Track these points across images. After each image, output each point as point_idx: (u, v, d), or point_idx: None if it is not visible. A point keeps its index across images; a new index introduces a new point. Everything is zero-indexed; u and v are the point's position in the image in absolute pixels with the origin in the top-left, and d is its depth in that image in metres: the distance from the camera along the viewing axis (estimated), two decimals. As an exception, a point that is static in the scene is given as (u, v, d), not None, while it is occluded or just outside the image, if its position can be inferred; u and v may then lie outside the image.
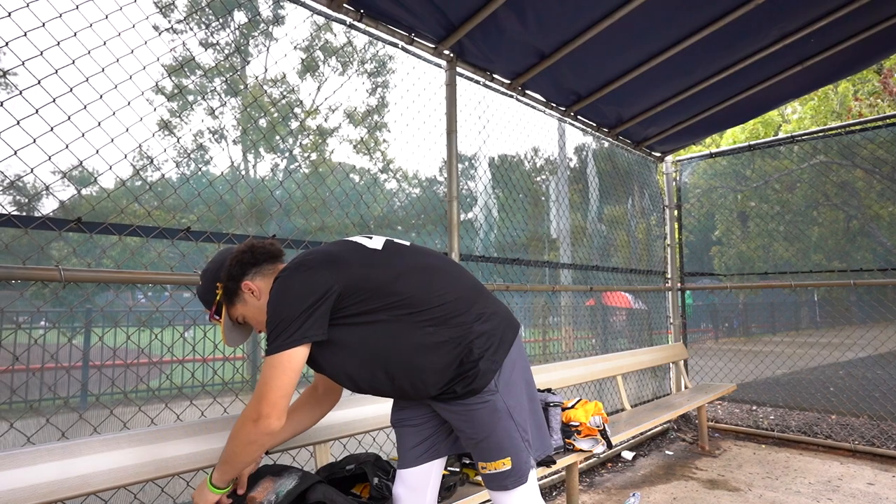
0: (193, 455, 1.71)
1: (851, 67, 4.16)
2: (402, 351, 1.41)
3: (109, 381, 6.46)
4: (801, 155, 5.38)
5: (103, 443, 1.57)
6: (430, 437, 1.63)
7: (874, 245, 6.69)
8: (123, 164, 2.05)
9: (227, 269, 1.50)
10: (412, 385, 1.44)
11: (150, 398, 6.66)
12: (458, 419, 1.48)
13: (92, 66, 1.83)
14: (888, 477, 3.66)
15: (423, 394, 1.46)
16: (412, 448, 1.62)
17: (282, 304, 1.34)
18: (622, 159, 4.98)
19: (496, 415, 1.44)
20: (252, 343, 8.51)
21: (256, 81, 8.13)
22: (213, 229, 2.22)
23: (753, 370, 5.33)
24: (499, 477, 1.46)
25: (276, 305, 1.34)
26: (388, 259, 1.46)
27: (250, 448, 1.37)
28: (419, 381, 1.43)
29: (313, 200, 2.85)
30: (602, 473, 3.83)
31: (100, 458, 1.54)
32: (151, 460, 1.62)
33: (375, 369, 1.43)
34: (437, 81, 3.10)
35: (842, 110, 10.95)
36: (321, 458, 2.09)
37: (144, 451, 1.62)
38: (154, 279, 1.92)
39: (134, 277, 1.87)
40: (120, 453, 1.58)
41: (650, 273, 5.15)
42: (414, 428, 1.62)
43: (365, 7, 2.59)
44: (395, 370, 1.43)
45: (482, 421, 1.44)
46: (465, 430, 1.48)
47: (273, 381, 1.30)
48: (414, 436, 1.62)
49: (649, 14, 3.03)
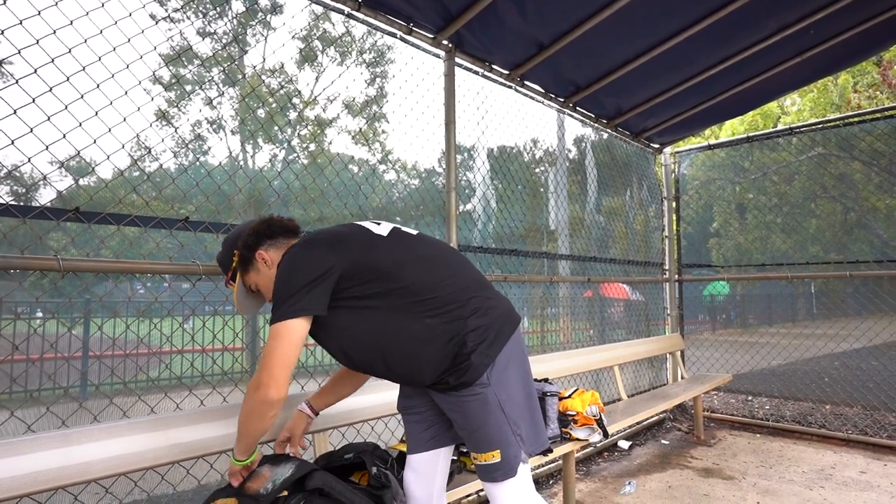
0: (194, 443, 1.73)
1: (850, 59, 4.15)
2: (400, 340, 1.45)
3: (109, 370, 6.48)
4: (799, 147, 5.39)
5: (104, 431, 1.59)
6: (434, 426, 1.68)
7: (871, 237, 6.72)
8: (121, 154, 2.05)
9: (245, 238, 1.58)
10: (407, 373, 1.49)
11: (149, 388, 6.70)
12: (451, 409, 1.52)
13: (88, 55, 1.83)
14: (880, 465, 3.70)
15: (418, 382, 1.51)
16: (418, 434, 1.68)
17: (286, 277, 1.41)
18: (621, 151, 4.97)
19: (487, 407, 1.46)
20: (251, 332, 8.54)
21: (254, 71, 8.10)
22: (211, 219, 2.22)
23: (749, 361, 5.37)
24: (489, 468, 1.49)
25: (281, 277, 1.42)
26: (393, 246, 1.51)
27: (251, 417, 1.41)
28: (414, 370, 1.48)
29: (311, 191, 2.85)
30: (598, 462, 3.87)
31: (100, 445, 1.56)
32: (151, 448, 1.64)
33: (373, 354, 1.48)
34: (436, 72, 3.09)
35: (841, 102, 10.92)
36: (320, 446, 2.11)
37: (145, 438, 1.64)
38: (152, 269, 1.93)
39: (132, 267, 1.87)
40: (120, 441, 1.60)
41: (648, 264, 5.17)
42: (419, 415, 1.68)
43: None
44: (392, 357, 1.47)
45: (474, 412, 1.47)
46: (458, 420, 1.52)
47: (274, 351, 1.36)
48: (419, 423, 1.68)
49: (649, 4, 3.02)
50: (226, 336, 2.93)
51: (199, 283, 2.10)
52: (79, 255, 1.81)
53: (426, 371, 1.46)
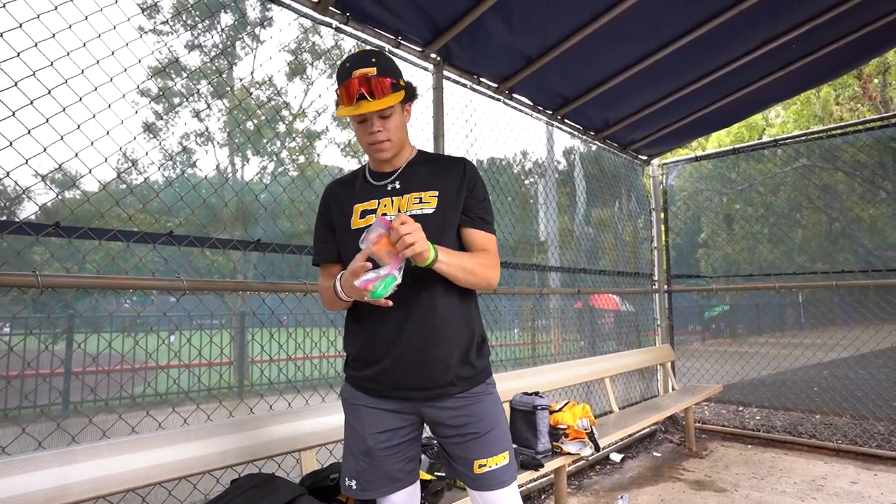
0: (175, 463, 1.68)
1: (832, 72, 4.24)
2: (475, 304, 1.56)
3: (90, 389, 6.34)
4: (784, 158, 5.46)
5: (83, 452, 1.54)
6: (413, 460, 1.52)
7: (856, 247, 6.80)
8: (105, 167, 2.01)
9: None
10: (456, 333, 1.46)
11: (131, 406, 6.56)
12: (460, 414, 1.43)
13: (71, 68, 1.80)
14: (870, 475, 3.70)
15: (447, 358, 1.42)
16: (397, 467, 1.47)
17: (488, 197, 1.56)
18: (609, 162, 5.00)
19: (499, 407, 1.47)
20: (239, 347, 8.40)
21: (242, 84, 8.07)
22: (197, 233, 2.18)
23: (739, 371, 5.38)
24: (497, 473, 1.42)
25: (487, 197, 1.55)
26: None
27: (474, 275, 1.42)
28: (465, 336, 1.48)
29: (299, 203, 2.83)
30: (590, 476, 3.84)
31: (77, 468, 1.51)
32: (132, 469, 1.59)
33: (466, 296, 1.51)
34: (424, 85, 3.09)
35: (824, 114, 11.14)
36: (307, 464, 2.07)
37: (125, 459, 1.59)
38: (134, 285, 1.89)
39: (113, 283, 1.83)
40: (100, 462, 1.55)
41: (637, 275, 5.18)
42: (398, 446, 1.48)
43: (351, 10, 2.58)
44: (473, 307, 1.54)
45: (489, 412, 1.45)
46: (468, 423, 1.42)
47: (496, 256, 1.50)
48: (395, 455, 1.47)
49: (635, 19, 3.05)
50: (212, 352, 2.87)
51: (184, 299, 2.06)
52: (59, 271, 1.77)
53: (467, 342, 1.47)
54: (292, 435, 2.03)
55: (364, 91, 1.34)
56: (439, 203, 1.44)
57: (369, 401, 1.47)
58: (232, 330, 8.82)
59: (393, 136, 1.43)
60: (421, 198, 1.45)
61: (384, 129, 1.41)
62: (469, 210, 1.48)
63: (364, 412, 1.47)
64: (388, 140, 1.43)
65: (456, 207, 1.46)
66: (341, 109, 1.39)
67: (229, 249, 2.26)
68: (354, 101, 1.35)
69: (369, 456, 1.44)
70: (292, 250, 2.43)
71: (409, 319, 1.41)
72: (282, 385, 5.97)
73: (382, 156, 1.45)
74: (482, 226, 1.49)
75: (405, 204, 1.45)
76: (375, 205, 1.48)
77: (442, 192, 1.46)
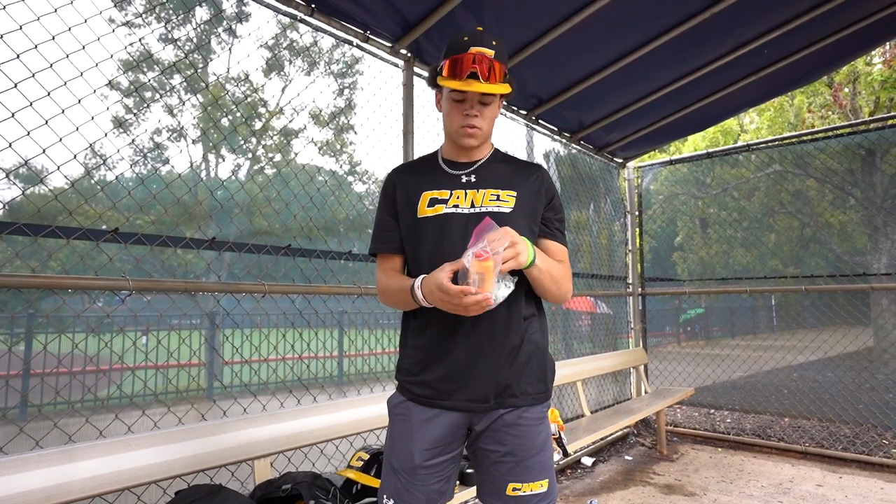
0: (114, 475, 1.58)
1: (803, 78, 4.28)
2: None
3: (53, 390, 6.11)
4: (757, 164, 5.51)
5: (43, 458, 1.44)
6: (451, 478, 1.43)
7: (826, 252, 6.92)
8: (74, 163, 1.92)
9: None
10: (534, 345, 1.41)
11: (97, 408, 6.35)
12: (506, 435, 1.34)
13: (39, 61, 1.72)
14: (835, 478, 3.74)
15: (529, 360, 1.39)
16: (432, 487, 1.38)
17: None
18: (584, 165, 4.99)
19: (548, 431, 1.40)
20: (209, 350, 8.21)
21: (217, 80, 7.90)
22: (170, 232, 2.09)
23: (711, 374, 5.41)
24: (531, 500, 1.33)
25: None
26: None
27: (557, 284, 1.38)
28: (545, 340, 1.46)
29: (276, 203, 2.75)
30: (561, 480, 3.80)
31: (38, 474, 1.42)
32: (64, 482, 1.49)
33: (542, 307, 1.48)
34: (395, 81, 3.02)
35: (797, 122, 11.34)
36: (260, 473, 1.98)
37: (89, 465, 1.50)
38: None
39: (78, 283, 1.75)
40: (62, 468, 1.46)
41: (612, 278, 5.18)
42: (444, 464, 1.39)
43: (317, 2, 2.50)
44: (543, 314, 1.48)
45: (539, 438, 1.36)
46: (511, 447, 1.34)
47: (569, 269, 1.45)
48: (437, 475, 1.38)
49: (608, 19, 3.03)
50: (181, 353, 2.77)
51: (158, 300, 1.97)
52: (24, 270, 1.68)
53: (542, 356, 1.43)
54: (245, 442, 1.95)
55: (477, 70, 1.29)
56: (518, 204, 1.38)
57: (422, 412, 1.37)
58: (204, 331, 8.62)
59: (486, 125, 1.40)
60: (498, 195, 1.39)
61: (481, 115, 1.38)
62: (548, 221, 1.45)
63: (415, 425, 1.37)
64: (481, 128, 1.38)
65: (533, 213, 1.42)
66: (448, 81, 1.31)
67: (204, 249, 2.18)
68: (464, 77, 1.29)
69: (412, 474, 1.34)
70: (268, 250, 2.38)
71: (489, 327, 1.33)
72: (254, 387, 5.83)
73: (470, 142, 1.40)
74: (560, 238, 1.47)
75: (480, 199, 1.38)
76: (447, 195, 1.40)
77: (520, 193, 1.41)
